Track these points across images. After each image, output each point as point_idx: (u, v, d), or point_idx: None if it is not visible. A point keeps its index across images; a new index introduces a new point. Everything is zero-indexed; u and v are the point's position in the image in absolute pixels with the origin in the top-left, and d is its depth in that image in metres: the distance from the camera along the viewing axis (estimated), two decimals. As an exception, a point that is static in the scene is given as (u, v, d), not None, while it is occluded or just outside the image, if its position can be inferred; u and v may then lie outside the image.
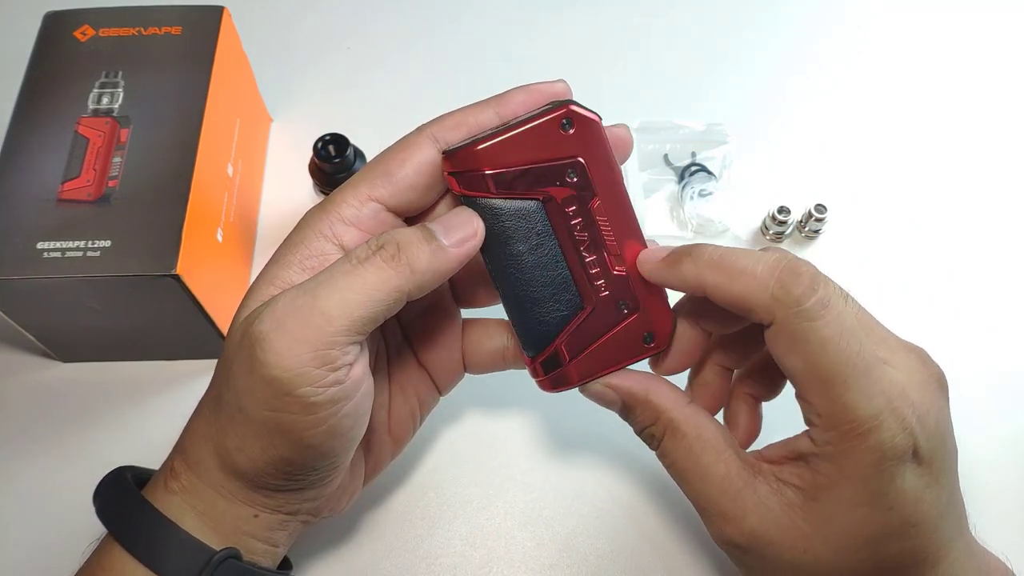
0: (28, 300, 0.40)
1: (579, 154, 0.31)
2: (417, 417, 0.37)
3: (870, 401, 0.27)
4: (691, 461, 0.31)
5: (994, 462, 0.43)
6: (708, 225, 0.50)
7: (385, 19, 0.61)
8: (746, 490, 0.30)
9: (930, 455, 0.28)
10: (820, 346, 0.27)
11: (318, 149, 0.45)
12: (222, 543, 0.31)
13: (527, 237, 0.31)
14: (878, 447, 0.27)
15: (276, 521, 0.32)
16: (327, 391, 0.28)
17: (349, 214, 0.31)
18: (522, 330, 0.33)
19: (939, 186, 0.53)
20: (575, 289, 0.32)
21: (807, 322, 0.27)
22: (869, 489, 0.27)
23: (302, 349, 0.27)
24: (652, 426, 0.33)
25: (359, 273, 0.28)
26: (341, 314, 0.27)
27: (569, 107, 0.30)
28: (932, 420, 0.28)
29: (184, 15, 0.45)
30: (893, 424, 0.27)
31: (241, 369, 0.28)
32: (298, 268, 0.30)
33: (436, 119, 0.32)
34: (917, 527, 0.28)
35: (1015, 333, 0.48)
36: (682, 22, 0.61)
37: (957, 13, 0.61)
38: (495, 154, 0.30)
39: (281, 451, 0.29)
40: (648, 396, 0.33)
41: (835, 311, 0.27)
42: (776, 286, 0.27)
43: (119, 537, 0.30)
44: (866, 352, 0.27)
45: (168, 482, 0.31)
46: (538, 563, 0.41)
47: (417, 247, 0.29)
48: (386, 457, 0.37)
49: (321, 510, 0.34)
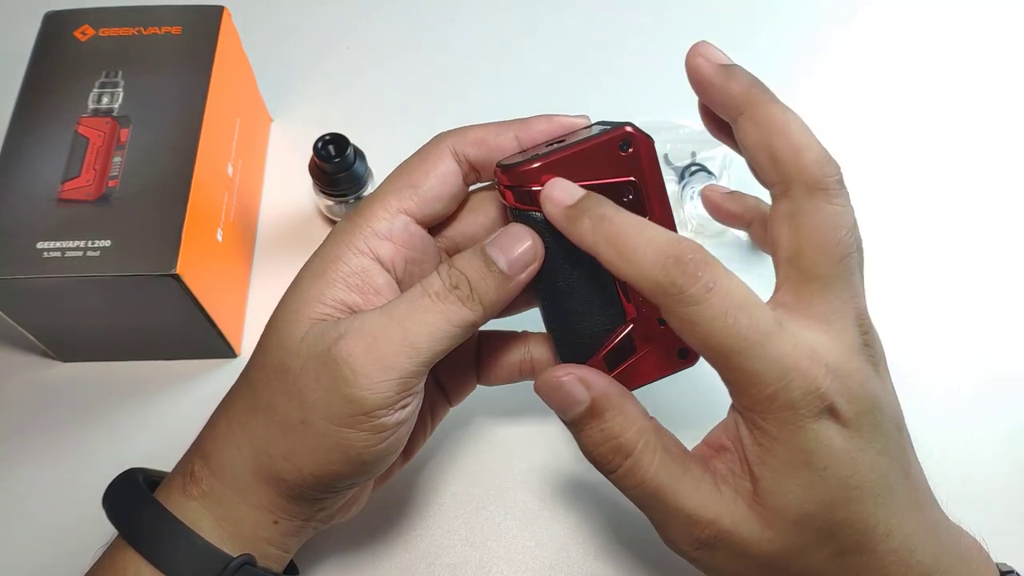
0: (28, 300, 0.40)
1: (634, 174, 0.31)
2: (428, 429, 0.38)
3: (773, 364, 0.27)
4: (664, 478, 0.30)
5: (994, 462, 0.43)
6: (708, 225, 0.50)
7: (385, 19, 0.61)
8: (714, 491, 0.30)
9: (855, 417, 0.28)
10: (709, 325, 0.27)
11: (318, 149, 0.45)
12: (239, 549, 0.31)
13: (578, 252, 0.31)
14: (789, 404, 0.27)
15: (293, 528, 0.32)
16: (397, 414, 0.29)
17: (382, 228, 0.31)
18: (563, 343, 0.33)
19: (938, 186, 0.53)
20: (620, 304, 0.32)
21: (692, 306, 0.27)
22: (798, 449, 0.28)
23: (391, 376, 0.29)
24: (619, 438, 0.30)
25: (440, 310, 0.29)
26: (427, 347, 0.29)
27: (626, 129, 0.31)
28: (855, 383, 0.28)
29: (184, 15, 0.45)
30: (800, 382, 0.27)
31: (315, 384, 0.29)
32: (343, 286, 0.31)
33: (456, 132, 0.33)
34: (859, 489, 0.28)
35: (1016, 332, 0.48)
36: (682, 22, 0.61)
37: (958, 13, 0.61)
38: (553, 171, 0.30)
39: (334, 466, 0.30)
40: (625, 402, 0.31)
41: (721, 290, 0.27)
42: (661, 273, 0.27)
43: (134, 541, 0.30)
44: (760, 322, 0.27)
45: (187, 486, 0.31)
46: (538, 563, 0.41)
47: (485, 282, 0.30)
48: (396, 467, 0.37)
49: (333, 517, 0.34)
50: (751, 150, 0.30)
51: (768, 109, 0.30)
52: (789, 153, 0.29)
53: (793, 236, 0.29)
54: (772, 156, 0.30)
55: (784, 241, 0.30)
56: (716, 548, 0.29)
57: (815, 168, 0.29)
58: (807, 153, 0.29)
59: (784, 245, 0.30)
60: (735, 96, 0.30)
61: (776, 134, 0.29)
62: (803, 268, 0.29)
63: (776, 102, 0.30)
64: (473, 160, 0.32)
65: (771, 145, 0.30)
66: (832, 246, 0.29)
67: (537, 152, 0.31)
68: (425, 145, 0.33)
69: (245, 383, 0.32)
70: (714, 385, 0.29)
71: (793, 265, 0.30)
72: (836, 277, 0.29)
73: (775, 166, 0.30)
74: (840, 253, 0.29)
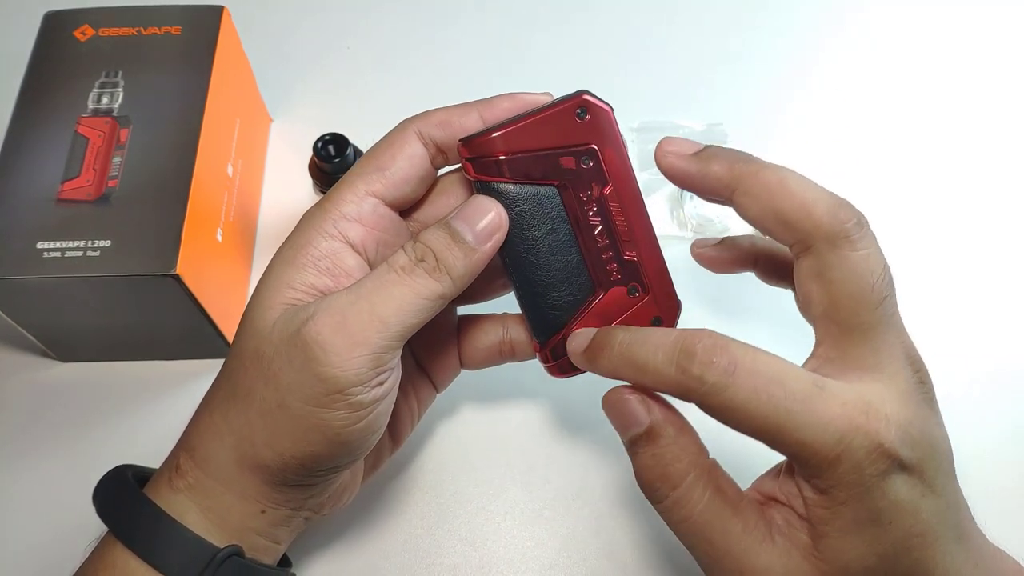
0: (28, 300, 0.40)
1: (593, 141, 0.31)
2: (415, 414, 0.38)
3: (825, 430, 0.26)
4: (713, 514, 0.29)
5: (994, 461, 0.43)
6: (708, 225, 0.50)
7: (385, 19, 0.61)
8: (766, 543, 0.29)
9: (919, 464, 0.27)
10: (744, 408, 0.27)
11: (318, 149, 0.45)
12: (226, 540, 0.31)
13: (542, 222, 0.32)
14: (855, 468, 0.27)
15: (281, 517, 0.32)
16: (372, 391, 0.29)
17: (350, 211, 0.31)
18: (533, 316, 0.33)
19: (939, 186, 0.53)
20: (587, 274, 0.33)
21: (720, 395, 0.27)
22: (865, 508, 0.27)
23: (361, 352, 0.28)
24: (669, 467, 0.29)
25: (407, 283, 0.29)
26: (396, 321, 0.29)
27: (583, 96, 0.31)
28: (916, 429, 0.28)
29: (184, 15, 0.45)
30: (862, 440, 0.27)
31: (288, 366, 0.29)
32: (312, 269, 0.31)
33: (421, 115, 0.33)
34: (921, 537, 0.28)
35: (1016, 332, 0.48)
36: (682, 22, 0.61)
37: (959, 14, 0.61)
38: (511, 140, 0.31)
39: (314, 447, 0.30)
40: (682, 434, 0.30)
41: (744, 370, 0.27)
42: (678, 373, 0.28)
43: (121, 535, 0.30)
44: (797, 390, 0.27)
45: (172, 480, 0.31)
46: (538, 563, 0.41)
47: (451, 253, 0.30)
48: (385, 454, 0.38)
49: (323, 506, 0.34)
50: (758, 222, 0.30)
51: (760, 177, 0.29)
52: (798, 212, 0.29)
53: (824, 291, 0.29)
54: (782, 221, 0.29)
55: (816, 297, 0.29)
56: None
57: (830, 219, 0.28)
58: (817, 207, 0.29)
59: (817, 301, 0.29)
60: (720, 178, 0.30)
61: (778, 199, 0.29)
62: (841, 321, 0.29)
63: (766, 167, 0.30)
64: (439, 142, 0.32)
65: (777, 210, 0.29)
66: (867, 294, 0.28)
67: (496, 124, 0.31)
68: (391, 130, 0.33)
69: (224, 374, 0.32)
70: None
71: (831, 320, 0.29)
72: (877, 322, 0.29)
73: (787, 229, 0.29)
74: (876, 299, 0.28)
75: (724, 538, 0.29)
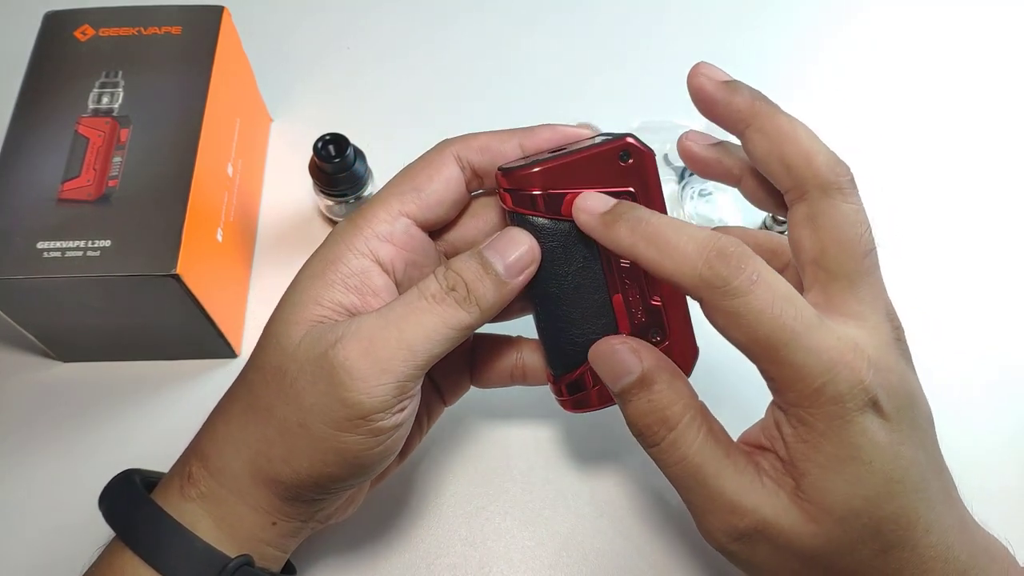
0: (28, 300, 0.40)
1: (632, 185, 0.31)
2: (424, 429, 0.38)
3: (819, 357, 0.27)
4: (707, 456, 0.29)
5: (996, 460, 0.43)
6: (708, 225, 0.50)
7: (385, 19, 0.61)
8: (756, 483, 0.29)
9: (896, 412, 0.28)
10: (755, 317, 0.27)
11: (318, 149, 0.45)
12: (236, 550, 0.31)
13: (573, 259, 0.31)
14: (837, 397, 0.27)
15: (291, 528, 0.33)
16: (394, 417, 0.30)
17: (383, 230, 0.31)
18: (552, 349, 0.33)
19: (941, 184, 0.53)
20: (612, 315, 0.33)
21: (737, 298, 0.27)
22: (844, 442, 0.28)
23: (388, 379, 0.29)
24: (666, 410, 0.30)
25: (437, 312, 0.29)
26: (423, 350, 0.29)
27: (627, 140, 0.31)
28: (895, 377, 0.28)
29: (184, 15, 0.45)
30: (847, 375, 0.27)
31: (313, 387, 0.29)
32: (341, 287, 0.31)
33: (461, 138, 0.33)
34: (901, 483, 0.28)
35: (1016, 332, 0.48)
36: (682, 22, 0.61)
37: (959, 13, 0.61)
38: (552, 177, 0.31)
39: (330, 468, 0.30)
40: (675, 378, 0.31)
41: (764, 282, 0.27)
42: (705, 267, 0.27)
43: (131, 542, 0.30)
44: (805, 314, 0.27)
45: (184, 488, 0.31)
46: (538, 563, 0.41)
47: (482, 285, 0.30)
48: (393, 467, 0.37)
49: (330, 517, 0.34)
50: (762, 160, 0.31)
51: (775, 119, 0.30)
52: (800, 158, 0.30)
53: (815, 237, 0.30)
54: (784, 163, 0.30)
55: (806, 243, 0.30)
56: (755, 541, 0.29)
57: (827, 170, 0.29)
58: (818, 157, 0.30)
59: (807, 247, 0.30)
60: (741, 110, 0.31)
61: (785, 142, 0.30)
62: (829, 267, 0.30)
63: (781, 112, 0.31)
64: (476, 166, 0.33)
65: (782, 153, 0.30)
66: (855, 242, 0.29)
67: (538, 158, 0.31)
68: (429, 150, 0.33)
69: (243, 384, 0.32)
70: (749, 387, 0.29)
71: (819, 266, 0.30)
72: (863, 273, 0.30)
73: (788, 172, 0.30)
74: (863, 249, 0.29)
75: (716, 479, 0.29)
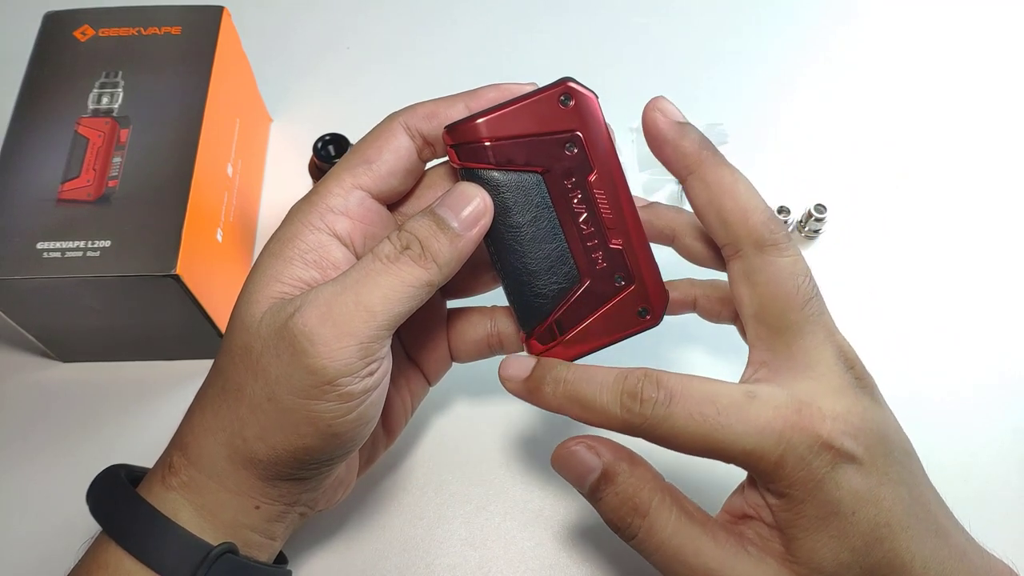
0: (28, 300, 0.40)
1: (576, 128, 0.32)
2: (409, 407, 0.38)
3: (763, 434, 0.28)
4: (684, 536, 0.30)
5: (995, 462, 0.43)
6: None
7: (385, 19, 0.61)
8: (740, 555, 0.30)
9: (867, 452, 0.28)
10: (684, 431, 0.29)
11: (318, 149, 0.45)
12: (220, 538, 0.31)
13: (526, 209, 0.32)
14: (800, 463, 0.28)
15: (276, 512, 0.32)
16: (363, 381, 0.29)
17: (337, 203, 0.31)
18: (519, 305, 0.33)
19: (940, 186, 0.53)
20: (572, 262, 0.33)
21: (662, 425, 0.29)
22: (823, 502, 0.28)
23: (349, 342, 0.28)
24: (635, 497, 0.30)
25: (393, 272, 0.29)
26: (383, 310, 0.29)
27: (567, 83, 0.31)
28: (856, 419, 0.29)
29: (184, 15, 0.45)
30: (801, 437, 0.28)
31: (277, 359, 0.29)
32: (300, 262, 0.31)
33: (407, 108, 0.33)
34: (888, 526, 0.28)
35: (1016, 333, 0.48)
36: (682, 22, 0.61)
37: (959, 13, 0.61)
38: (495, 126, 0.31)
39: (306, 440, 0.30)
40: (636, 465, 0.31)
41: (679, 397, 0.29)
42: (623, 411, 0.29)
43: (115, 534, 0.30)
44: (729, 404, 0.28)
45: (166, 478, 0.31)
46: (537, 563, 0.41)
47: (436, 240, 0.30)
48: (380, 449, 0.38)
49: (318, 502, 0.34)
50: (701, 210, 0.32)
51: (717, 171, 0.31)
52: (737, 214, 0.30)
53: (753, 293, 0.31)
54: (721, 217, 0.31)
55: (746, 299, 0.31)
56: None
57: (762, 228, 0.30)
58: (754, 214, 0.30)
59: (746, 303, 0.31)
60: (687, 155, 0.31)
61: (724, 195, 0.31)
62: (770, 322, 0.30)
63: (725, 164, 0.31)
64: (426, 134, 0.33)
65: (720, 206, 0.31)
66: (792, 295, 0.30)
67: (481, 111, 0.31)
68: (378, 123, 0.33)
69: (214, 370, 0.32)
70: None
71: (760, 321, 0.31)
72: (805, 321, 0.30)
73: (724, 227, 0.31)
74: (802, 298, 0.30)
75: (698, 557, 0.30)
